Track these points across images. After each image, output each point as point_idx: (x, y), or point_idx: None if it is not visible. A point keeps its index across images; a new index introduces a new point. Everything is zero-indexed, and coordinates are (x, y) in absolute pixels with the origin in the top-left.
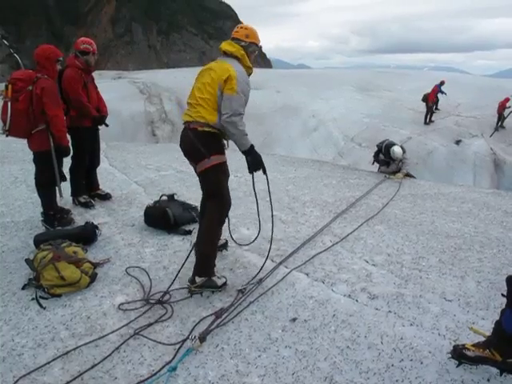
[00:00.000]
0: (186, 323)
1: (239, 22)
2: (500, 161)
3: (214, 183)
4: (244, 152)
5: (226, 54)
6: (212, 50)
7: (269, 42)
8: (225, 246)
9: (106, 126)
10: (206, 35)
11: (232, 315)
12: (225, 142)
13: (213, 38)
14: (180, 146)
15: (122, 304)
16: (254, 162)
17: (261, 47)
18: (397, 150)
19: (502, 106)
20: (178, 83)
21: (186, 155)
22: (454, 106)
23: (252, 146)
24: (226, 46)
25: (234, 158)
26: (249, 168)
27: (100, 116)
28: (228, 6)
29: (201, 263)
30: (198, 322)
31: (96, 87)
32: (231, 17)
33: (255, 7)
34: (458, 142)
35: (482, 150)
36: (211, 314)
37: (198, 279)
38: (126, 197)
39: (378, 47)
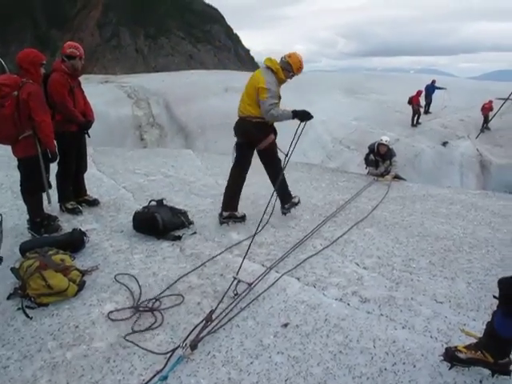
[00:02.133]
0: (177, 331)
1: (227, 26)
2: (486, 162)
3: (275, 153)
4: (291, 118)
5: (266, 66)
6: (200, 54)
7: (257, 46)
8: (243, 218)
9: (88, 135)
10: (193, 39)
11: (223, 322)
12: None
13: (200, 42)
14: (236, 130)
15: (111, 312)
16: (303, 118)
17: (296, 74)
18: (384, 137)
19: (487, 108)
20: (165, 87)
21: (242, 137)
22: (440, 108)
23: (294, 112)
24: (267, 61)
25: (223, 162)
26: (301, 121)
27: (86, 121)
28: (215, 10)
29: (286, 196)
30: (191, 332)
31: (83, 92)
32: (219, 20)
33: (243, 11)
34: (444, 144)
35: (468, 152)
36: (202, 321)
37: (286, 205)
38: (115, 202)
39: (364, 50)
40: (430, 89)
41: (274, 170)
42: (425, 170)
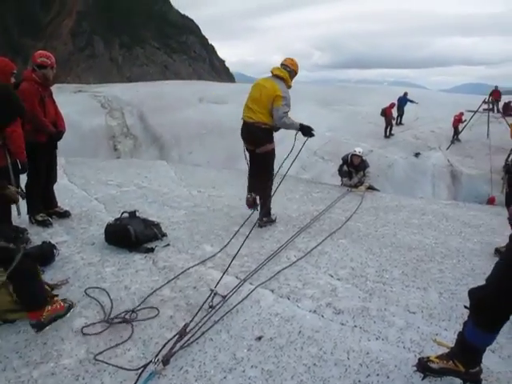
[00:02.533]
0: (149, 346)
1: (202, 37)
2: (457, 172)
3: (271, 160)
4: (297, 129)
5: (275, 75)
6: (175, 64)
7: (231, 57)
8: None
9: (55, 146)
10: (168, 49)
11: (196, 335)
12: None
13: (176, 52)
14: (243, 135)
15: (83, 328)
16: (306, 133)
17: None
18: (357, 148)
19: (458, 120)
20: (140, 97)
21: (247, 142)
22: (412, 120)
23: (301, 125)
24: (276, 70)
25: (198, 173)
26: (304, 135)
27: (57, 132)
28: (191, 21)
29: (266, 210)
30: (163, 347)
31: (54, 102)
32: (194, 31)
33: (218, 22)
34: (417, 155)
35: (439, 162)
36: (175, 335)
37: (264, 219)
38: (86, 214)
39: (339, 62)
40: (403, 101)
41: (265, 177)
42: (398, 181)
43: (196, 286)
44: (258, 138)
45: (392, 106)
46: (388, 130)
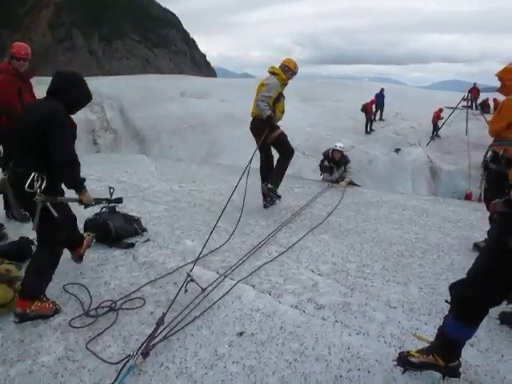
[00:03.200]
0: (129, 342)
1: (183, 31)
2: (436, 168)
3: (283, 142)
4: (265, 117)
5: (270, 72)
6: (156, 59)
7: (212, 51)
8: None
9: None
10: (149, 43)
11: (177, 330)
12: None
13: (157, 47)
14: (250, 129)
15: (70, 321)
16: (264, 126)
17: (295, 73)
18: (338, 143)
19: (437, 117)
20: (120, 91)
21: (254, 135)
22: (392, 116)
23: (268, 117)
24: (270, 68)
25: (178, 168)
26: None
27: None
28: (173, 15)
29: (277, 184)
30: (143, 343)
31: (33, 95)
32: (176, 25)
33: (200, 16)
34: (397, 151)
35: (419, 158)
36: (155, 327)
37: (270, 186)
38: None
39: (319, 58)
40: (380, 97)
41: (285, 155)
42: (378, 176)
43: (176, 282)
44: (259, 128)
45: (373, 102)
46: (368, 125)
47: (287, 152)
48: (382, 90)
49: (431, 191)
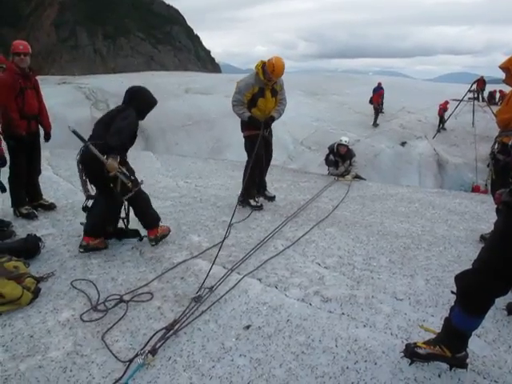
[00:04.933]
0: (137, 336)
1: (187, 27)
2: (443, 161)
3: (246, 146)
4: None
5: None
6: (160, 55)
7: (217, 47)
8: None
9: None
10: (154, 40)
11: (184, 325)
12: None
13: (161, 43)
14: None
15: (81, 315)
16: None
17: (273, 78)
18: (343, 137)
19: (442, 109)
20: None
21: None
22: (398, 109)
23: (249, 117)
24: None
25: (184, 164)
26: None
27: (27, 136)
28: (176, 11)
29: (247, 193)
30: (150, 338)
31: (38, 94)
32: (179, 22)
33: (203, 12)
34: (403, 144)
35: (425, 151)
36: (162, 329)
37: (240, 198)
38: (72, 206)
39: (325, 52)
40: (378, 91)
41: (247, 163)
42: (384, 170)
43: (183, 277)
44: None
45: (380, 94)
46: (375, 117)
47: (250, 156)
48: (380, 84)
49: (438, 184)
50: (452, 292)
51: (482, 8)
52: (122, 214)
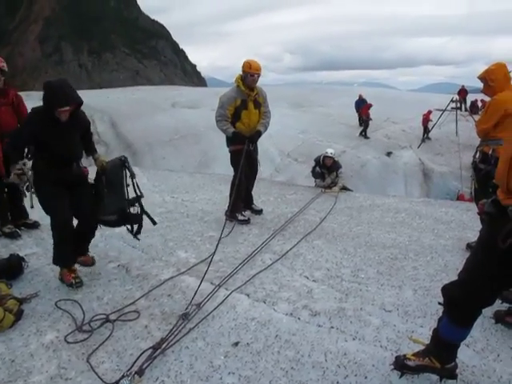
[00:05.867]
0: (123, 357)
1: (173, 42)
2: (428, 170)
3: (232, 161)
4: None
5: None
6: (146, 70)
7: (203, 61)
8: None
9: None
10: (139, 55)
11: (172, 344)
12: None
13: (146, 58)
14: None
15: (65, 337)
16: (236, 140)
17: (252, 73)
18: (328, 149)
19: (426, 119)
20: (111, 103)
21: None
22: (383, 120)
23: (233, 133)
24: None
25: (171, 179)
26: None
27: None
28: (161, 26)
29: (231, 209)
30: (137, 359)
31: (19, 111)
32: (165, 36)
33: (188, 27)
34: (388, 154)
35: (411, 161)
36: (149, 348)
37: (227, 212)
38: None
39: (310, 65)
40: (360, 103)
41: (233, 177)
42: (371, 180)
43: (171, 294)
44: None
45: (368, 106)
46: (364, 129)
47: (236, 171)
48: (360, 96)
49: (424, 193)
50: (439, 303)
51: (462, 20)
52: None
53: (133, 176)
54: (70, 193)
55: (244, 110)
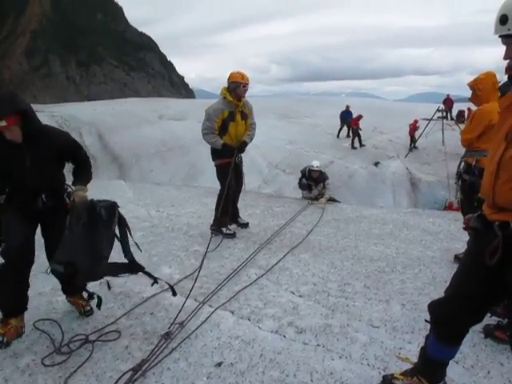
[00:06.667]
0: (102, 380)
1: (160, 54)
2: (416, 179)
3: (221, 176)
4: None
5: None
6: (134, 82)
7: (191, 73)
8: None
9: None
10: (127, 67)
11: (153, 365)
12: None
13: (134, 70)
14: None
15: (28, 366)
16: (226, 153)
17: (245, 84)
18: (314, 161)
19: (413, 129)
20: (98, 116)
21: None
22: (370, 130)
23: (223, 145)
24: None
25: (157, 192)
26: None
27: None
28: (149, 38)
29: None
30: (117, 381)
31: None
32: (152, 48)
33: (175, 39)
34: (376, 164)
35: (399, 170)
36: (129, 370)
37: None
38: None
39: (297, 76)
40: (346, 115)
41: (220, 191)
42: (359, 190)
43: (153, 312)
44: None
45: (359, 117)
46: (356, 139)
47: (223, 185)
48: (348, 107)
49: (412, 203)
50: (426, 321)
51: (445, 31)
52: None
53: (123, 227)
54: (42, 228)
55: (231, 122)
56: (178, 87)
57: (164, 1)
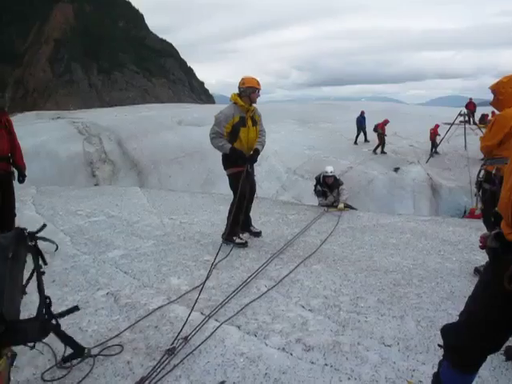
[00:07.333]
0: None
1: (181, 60)
2: (436, 185)
3: (231, 184)
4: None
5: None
6: (154, 88)
7: (211, 78)
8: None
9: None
10: (148, 73)
11: (153, 383)
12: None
13: (155, 76)
14: None
15: (28, 380)
16: (237, 160)
17: (259, 89)
18: (328, 167)
19: (434, 134)
20: (118, 122)
21: None
22: (390, 135)
23: (231, 149)
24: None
25: (171, 199)
26: (234, 161)
27: None
28: (170, 45)
29: (228, 231)
30: None
31: (11, 134)
32: (173, 54)
33: (196, 45)
34: (396, 170)
35: (419, 176)
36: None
37: (224, 235)
38: (50, 247)
39: (317, 80)
40: (362, 120)
41: (233, 201)
42: (378, 196)
43: (158, 326)
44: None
45: (385, 122)
46: (379, 147)
47: (235, 194)
48: (363, 112)
49: (433, 209)
50: (439, 345)
51: (467, 33)
52: None
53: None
54: None
55: (242, 128)
56: (198, 93)
57: (184, 8)
